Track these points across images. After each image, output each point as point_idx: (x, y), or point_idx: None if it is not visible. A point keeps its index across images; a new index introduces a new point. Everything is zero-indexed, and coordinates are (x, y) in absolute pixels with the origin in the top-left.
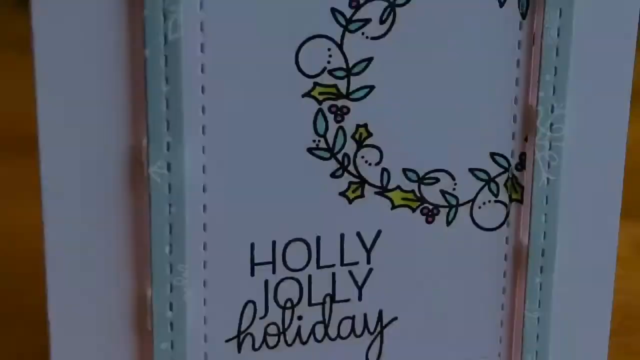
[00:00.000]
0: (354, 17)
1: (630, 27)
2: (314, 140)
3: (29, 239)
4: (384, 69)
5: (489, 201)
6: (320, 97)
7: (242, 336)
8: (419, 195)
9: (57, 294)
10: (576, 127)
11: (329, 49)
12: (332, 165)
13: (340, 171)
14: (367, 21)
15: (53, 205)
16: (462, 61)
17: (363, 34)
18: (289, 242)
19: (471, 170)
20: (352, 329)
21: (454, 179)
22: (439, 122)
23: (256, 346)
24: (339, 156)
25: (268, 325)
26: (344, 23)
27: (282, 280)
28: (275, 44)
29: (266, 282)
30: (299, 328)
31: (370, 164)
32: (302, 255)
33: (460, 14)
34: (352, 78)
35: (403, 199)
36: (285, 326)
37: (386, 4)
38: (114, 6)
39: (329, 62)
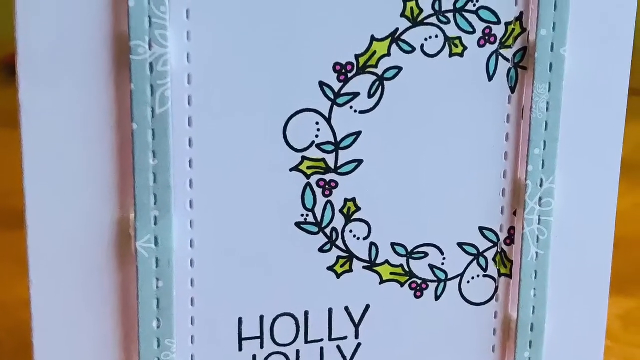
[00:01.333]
0: (342, 91)
1: (618, 100)
2: (302, 215)
3: (16, 312)
4: (372, 142)
5: (478, 275)
6: (308, 171)
7: None
8: (407, 269)
9: None
10: (565, 200)
11: (317, 123)
12: (320, 239)
13: (328, 245)
14: (355, 95)
15: (39, 279)
16: (450, 135)
17: (351, 107)
18: (277, 316)
19: (460, 244)
20: None
21: (442, 253)
22: (427, 196)
23: None
24: (327, 230)
25: None
26: (332, 96)
27: (269, 354)
28: (263, 118)
29: (254, 356)
30: None
31: (358, 238)
32: (290, 329)
33: (448, 88)
34: (340, 152)
35: (391, 273)
36: None
37: (374, 77)
38: (101, 79)
39: (317, 136)
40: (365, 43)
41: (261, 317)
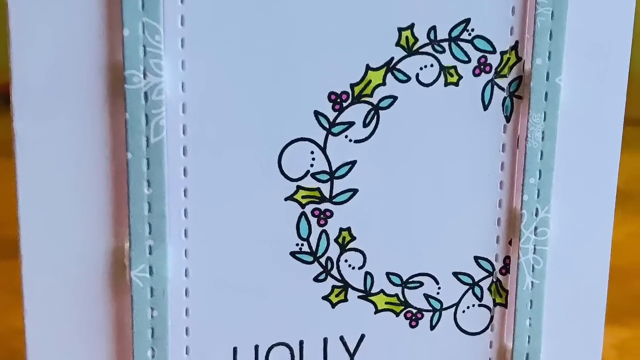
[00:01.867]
0: (338, 120)
1: (614, 129)
2: (297, 244)
3: (11, 341)
4: (368, 172)
5: (473, 305)
6: (304, 201)
7: None
8: (402, 299)
9: None
10: (561, 230)
11: (312, 152)
12: (315, 269)
13: (324, 275)
14: (350, 124)
15: (34, 309)
16: (445, 164)
17: (346, 137)
18: (272, 346)
19: (455, 274)
20: None
21: (437, 282)
22: (422, 226)
23: None
24: (322, 260)
25: None
26: (327, 126)
27: None
28: (258, 147)
29: None
30: None
31: (353, 268)
32: (285, 359)
33: (444, 117)
34: (335, 181)
35: (387, 303)
36: None
37: (370, 107)
38: (95, 108)
39: (312, 165)
40: (361, 72)
41: (256, 347)
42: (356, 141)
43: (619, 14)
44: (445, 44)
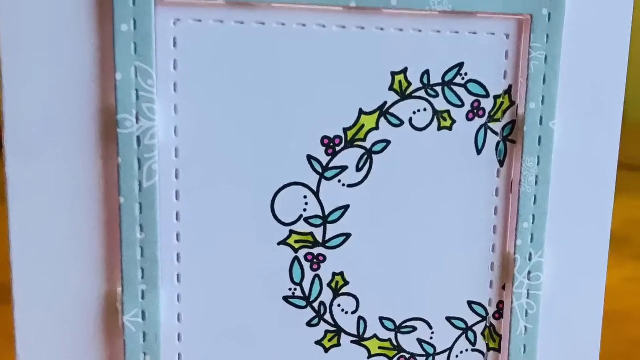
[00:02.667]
0: (330, 164)
1: (608, 174)
2: (290, 288)
3: None
4: (360, 216)
5: (467, 350)
6: (296, 245)
7: None
8: (395, 344)
9: None
10: (554, 274)
11: (305, 196)
12: (308, 313)
13: (316, 320)
14: (343, 168)
15: (26, 353)
16: (438, 208)
17: (339, 181)
18: None
19: (448, 318)
20: None
21: (431, 327)
22: (415, 270)
23: None
24: (315, 304)
25: None
26: (320, 170)
27: None
28: (251, 191)
29: None
30: None
31: (346, 312)
32: None
33: (437, 161)
34: (328, 226)
35: (380, 347)
36: None
37: (363, 151)
38: (88, 152)
39: (304, 210)
40: (354, 116)
41: None
42: (349, 185)
43: (612, 59)
44: (439, 88)
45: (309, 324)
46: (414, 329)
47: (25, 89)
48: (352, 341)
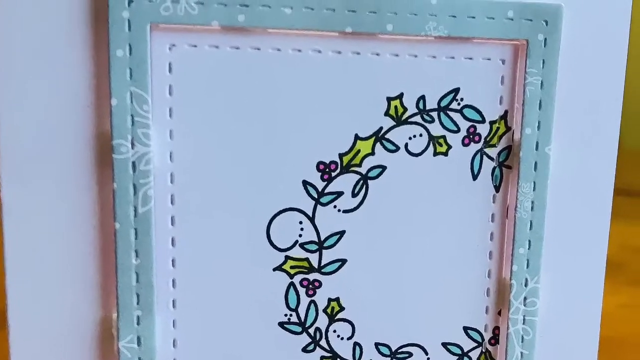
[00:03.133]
0: (326, 190)
1: (604, 199)
2: (286, 314)
3: None
4: (356, 242)
5: None
6: (292, 271)
7: None
8: None
9: None
10: (550, 301)
11: (300, 222)
12: (304, 339)
13: (312, 346)
14: (339, 194)
15: None
16: (434, 234)
17: (335, 207)
18: None
19: (444, 344)
20: None
21: (426, 353)
22: (411, 296)
23: None
24: (311, 330)
25: None
26: (315, 196)
27: None
28: (247, 217)
29: None
30: None
31: (342, 339)
32: None
33: (433, 187)
34: (324, 251)
35: None
36: None
37: (359, 176)
38: (83, 178)
39: (300, 235)
40: (350, 142)
41: None
42: (345, 211)
43: (608, 85)
44: (435, 114)
45: (304, 350)
46: (410, 354)
47: (21, 114)
48: None
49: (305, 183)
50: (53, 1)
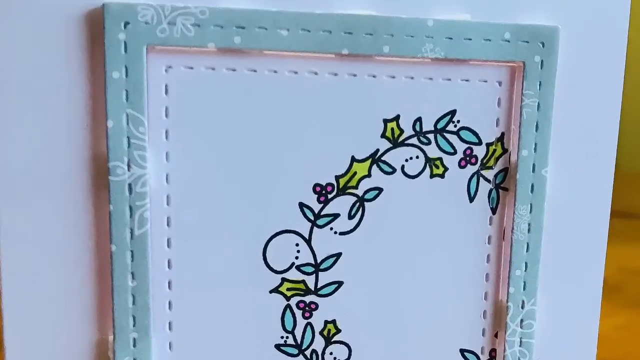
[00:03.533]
0: (323, 212)
1: (601, 221)
2: (282, 337)
3: None
4: (353, 264)
5: None
6: (289, 293)
7: None
8: None
9: None
10: (547, 323)
11: (297, 244)
12: None
13: None
14: (335, 216)
15: None
16: (431, 256)
17: (331, 229)
18: None
19: None
20: None
21: None
22: (408, 318)
23: None
24: (307, 353)
25: None
26: (312, 218)
27: None
28: (243, 239)
29: None
30: None
31: None
32: None
33: (429, 209)
34: (320, 274)
35: None
36: None
37: (355, 198)
38: (79, 200)
39: (297, 258)
40: (346, 164)
41: None
42: (341, 233)
43: (605, 107)
44: (431, 136)
45: None
46: None
47: (17, 136)
48: None
49: (301, 205)
50: (49, 23)
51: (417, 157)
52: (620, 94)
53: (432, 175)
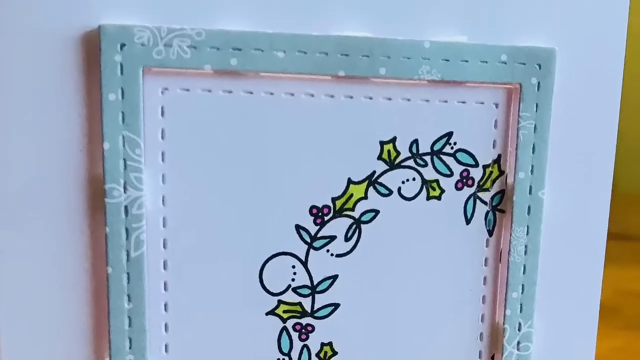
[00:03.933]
0: (319, 234)
1: (597, 244)
2: (279, 359)
3: None
4: (349, 286)
5: None
6: (285, 315)
7: None
8: None
9: None
10: (543, 345)
11: (293, 266)
12: None
13: None
14: (332, 238)
15: None
16: (427, 279)
17: (328, 251)
18: None
19: None
20: None
21: None
22: (404, 340)
23: None
24: None
25: None
26: (308, 240)
27: None
28: (239, 261)
29: None
30: None
31: None
32: None
33: (426, 231)
34: (316, 296)
35: None
36: None
37: (351, 221)
38: (75, 222)
39: (293, 280)
40: (342, 186)
41: None
42: (338, 255)
43: (602, 128)
44: (428, 158)
45: None
46: None
47: (13, 158)
48: None
49: (298, 227)
50: (46, 45)
51: (414, 179)
52: (617, 115)
53: (428, 197)
